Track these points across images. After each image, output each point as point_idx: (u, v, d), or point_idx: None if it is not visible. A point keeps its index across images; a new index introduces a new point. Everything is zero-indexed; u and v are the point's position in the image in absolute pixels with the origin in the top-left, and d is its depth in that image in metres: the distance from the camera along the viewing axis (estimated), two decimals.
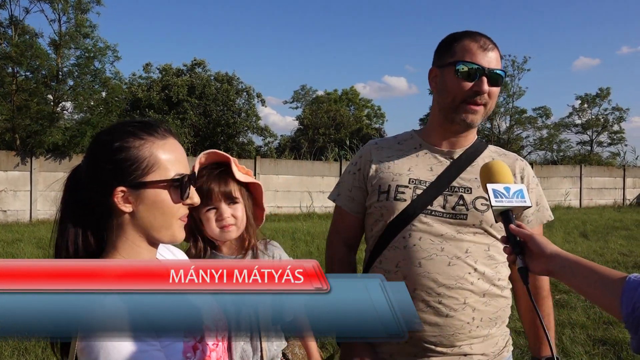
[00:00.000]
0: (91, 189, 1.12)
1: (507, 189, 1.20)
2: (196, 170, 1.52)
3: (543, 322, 1.10)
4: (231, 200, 1.54)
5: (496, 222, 1.24)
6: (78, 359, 1.02)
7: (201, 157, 1.56)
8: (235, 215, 1.54)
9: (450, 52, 1.56)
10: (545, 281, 1.70)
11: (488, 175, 1.25)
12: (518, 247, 1.14)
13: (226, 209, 1.53)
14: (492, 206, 1.18)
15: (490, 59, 1.52)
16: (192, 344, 1.12)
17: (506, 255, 1.58)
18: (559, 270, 1.06)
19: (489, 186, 1.21)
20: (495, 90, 1.55)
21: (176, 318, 1.13)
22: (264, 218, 1.66)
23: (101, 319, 0.99)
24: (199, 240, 1.59)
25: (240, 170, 1.57)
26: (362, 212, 1.70)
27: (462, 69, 1.51)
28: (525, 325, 1.73)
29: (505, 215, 1.18)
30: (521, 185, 1.22)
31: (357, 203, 1.70)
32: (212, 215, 1.54)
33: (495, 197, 1.18)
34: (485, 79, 1.50)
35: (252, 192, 1.62)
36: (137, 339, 0.99)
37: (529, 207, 1.21)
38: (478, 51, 1.52)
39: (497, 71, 1.53)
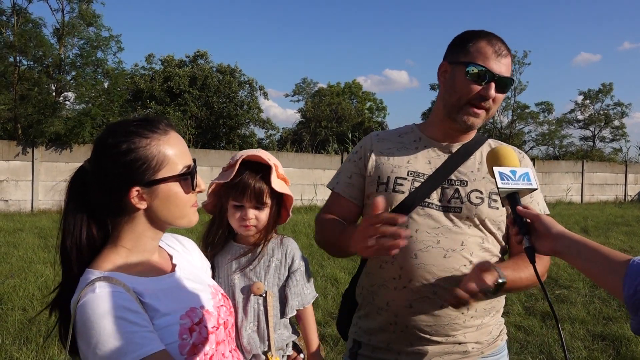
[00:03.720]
0: (103, 190, 1.15)
1: (514, 172, 1.21)
2: (237, 165, 1.56)
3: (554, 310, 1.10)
4: (260, 203, 1.57)
5: (503, 205, 1.26)
6: (77, 342, 1.05)
7: (244, 154, 1.59)
8: (258, 217, 1.58)
9: (464, 51, 1.54)
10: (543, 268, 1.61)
11: (495, 159, 1.26)
12: (525, 227, 1.15)
13: (252, 211, 1.57)
14: (498, 188, 1.19)
15: (502, 65, 1.52)
16: (188, 326, 1.14)
17: (499, 248, 1.61)
18: (564, 250, 1.07)
19: (495, 169, 1.22)
20: (501, 96, 1.55)
21: (170, 300, 1.16)
22: (287, 219, 1.71)
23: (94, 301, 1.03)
24: (221, 229, 1.63)
25: (279, 177, 1.60)
26: (360, 199, 1.70)
27: (473, 71, 1.50)
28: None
29: (512, 198, 1.19)
30: (527, 169, 1.23)
31: (356, 189, 1.70)
32: (237, 212, 1.58)
33: (502, 179, 1.19)
34: (493, 85, 1.50)
35: (284, 197, 1.65)
36: (129, 322, 1.02)
37: (536, 189, 1.22)
38: (492, 56, 1.51)
39: (507, 78, 1.52)
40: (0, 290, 5.46)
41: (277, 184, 1.57)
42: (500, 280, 1.36)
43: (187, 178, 1.18)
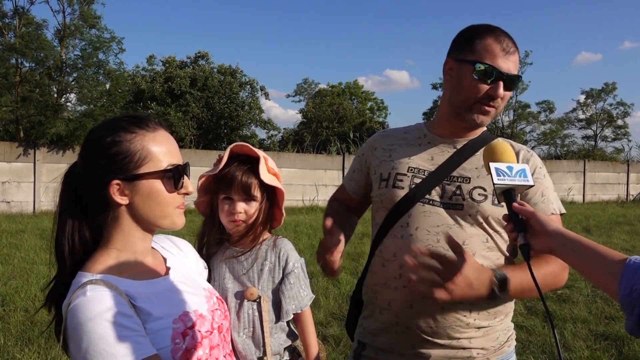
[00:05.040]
0: (87, 184, 1.15)
1: (510, 168, 1.20)
2: (225, 158, 1.54)
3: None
4: (248, 196, 1.54)
5: (499, 201, 1.24)
6: (67, 345, 1.04)
7: (234, 147, 1.57)
8: (247, 212, 1.54)
9: (471, 48, 1.50)
10: (555, 265, 1.58)
11: (491, 154, 1.25)
12: (520, 224, 1.14)
13: (240, 204, 1.54)
14: (494, 184, 1.18)
15: (510, 63, 1.48)
16: (181, 330, 1.13)
17: (507, 248, 1.59)
18: (559, 248, 1.06)
19: (492, 165, 1.20)
20: (509, 94, 1.52)
21: (163, 304, 1.14)
22: (282, 221, 1.66)
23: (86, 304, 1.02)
24: (213, 229, 1.61)
25: (269, 171, 1.57)
26: (359, 194, 1.75)
27: (480, 69, 1.46)
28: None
29: (508, 194, 1.18)
30: (524, 165, 1.22)
31: (355, 183, 1.76)
32: (226, 205, 1.55)
33: (498, 175, 1.18)
34: (502, 84, 1.47)
35: (276, 193, 1.62)
36: (121, 325, 1.01)
37: (532, 186, 1.20)
38: (500, 54, 1.46)
39: (515, 76, 1.49)
40: (2, 291, 5.47)
41: (267, 177, 1.54)
42: (498, 276, 1.36)
43: (170, 176, 1.16)
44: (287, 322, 1.61)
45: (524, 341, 4.23)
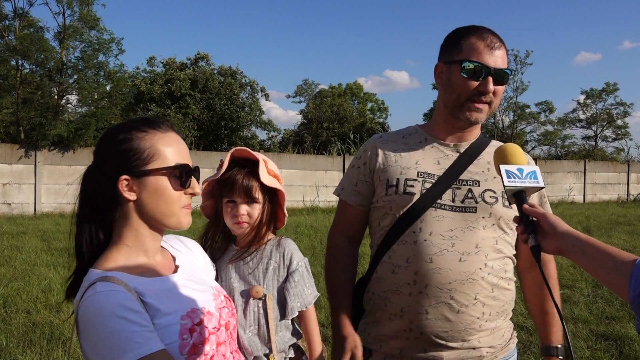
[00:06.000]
0: (98, 179, 1.19)
1: (521, 170, 1.21)
2: (226, 162, 1.58)
3: (558, 306, 1.10)
4: (250, 198, 1.58)
5: (510, 203, 1.25)
6: (79, 341, 1.06)
7: (234, 152, 1.60)
8: (250, 213, 1.58)
9: (457, 49, 1.55)
10: (552, 271, 1.71)
11: (502, 156, 1.26)
12: (531, 226, 1.14)
13: (243, 207, 1.58)
14: (505, 186, 1.19)
15: (497, 58, 1.51)
16: (189, 327, 1.15)
17: (512, 249, 1.60)
18: (570, 249, 1.07)
19: (502, 167, 1.21)
20: (501, 88, 1.55)
21: (171, 300, 1.17)
22: (285, 222, 1.69)
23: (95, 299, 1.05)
24: (218, 231, 1.65)
25: (270, 173, 1.60)
26: (367, 206, 1.70)
27: (468, 67, 1.50)
28: (534, 314, 1.75)
29: (519, 196, 1.19)
30: (535, 167, 1.23)
31: (362, 196, 1.70)
32: (229, 208, 1.59)
33: (509, 177, 1.19)
34: (490, 79, 1.50)
35: (277, 194, 1.65)
36: (129, 321, 1.03)
37: (543, 187, 1.22)
38: (485, 50, 1.51)
39: (503, 70, 1.52)
40: (4, 293, 5.48)
41: (267, 179, 1.57)
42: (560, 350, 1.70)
43: (177, 174, 1.20)
44: (292, 321, 1.63)
45: (525, 341, 4.24)
